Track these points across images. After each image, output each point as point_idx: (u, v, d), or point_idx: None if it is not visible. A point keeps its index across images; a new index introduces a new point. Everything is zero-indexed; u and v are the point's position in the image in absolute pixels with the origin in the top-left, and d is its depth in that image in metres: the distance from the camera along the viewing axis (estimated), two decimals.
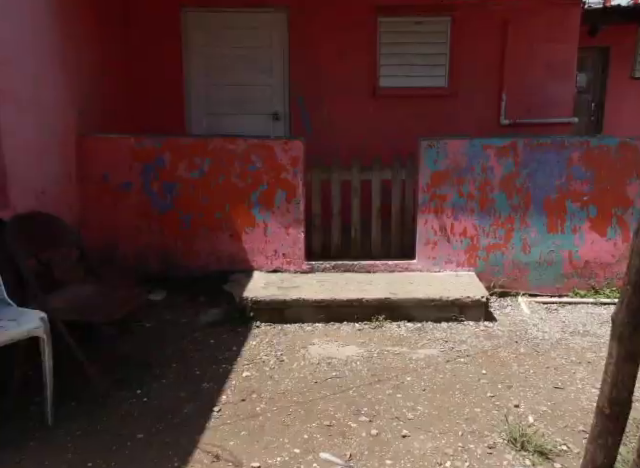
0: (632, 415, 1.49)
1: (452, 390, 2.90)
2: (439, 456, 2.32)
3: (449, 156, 4.23)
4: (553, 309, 4.19)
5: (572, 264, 4.34)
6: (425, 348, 3.44)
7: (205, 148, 4.19)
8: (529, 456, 2.29)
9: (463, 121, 5.41)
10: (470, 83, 5.50)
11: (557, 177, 4.23)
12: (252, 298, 3.79)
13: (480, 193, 4.26)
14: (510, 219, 4.29)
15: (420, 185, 4.28)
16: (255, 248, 4.31)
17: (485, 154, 4.23)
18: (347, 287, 4.03)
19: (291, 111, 5.54)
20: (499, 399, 2.80)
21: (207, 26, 5.42)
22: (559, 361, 3.28)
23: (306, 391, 2.86)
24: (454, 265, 4.35)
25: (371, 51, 5.42)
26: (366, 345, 3.47)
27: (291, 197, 4.26)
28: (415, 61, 5.50)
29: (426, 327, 3.78)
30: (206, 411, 2.61)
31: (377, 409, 2.69)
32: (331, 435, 2.45)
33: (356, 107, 5.47)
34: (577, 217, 4.27)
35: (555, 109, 5.43)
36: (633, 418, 2.43)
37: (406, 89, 5.46)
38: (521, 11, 5.24)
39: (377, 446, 2.38)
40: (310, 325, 3.79)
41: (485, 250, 4.33)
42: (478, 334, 3.67)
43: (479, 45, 5.44)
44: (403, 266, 4.37)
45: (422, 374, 3.08)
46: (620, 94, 7.30)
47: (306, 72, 5.46)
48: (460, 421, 2.59)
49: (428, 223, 4.30)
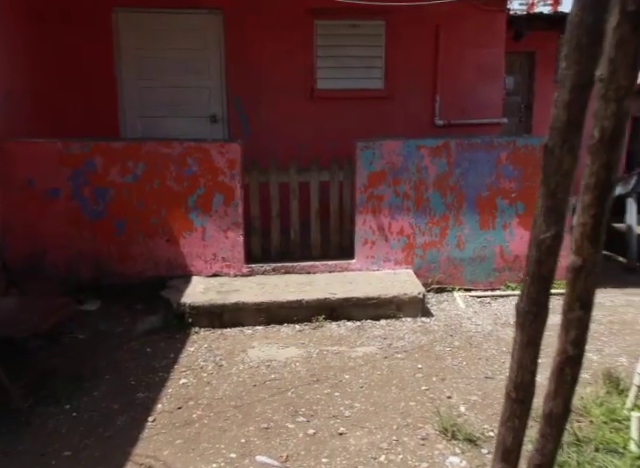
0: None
1: (389, 386, 2.96)
2: (374, 451, 2.36)
3: (385, 157, 4.32)
4: (486, 302, 4.36)
5: (503, 258, 4.52)
6: (364, 346, 3.50)
7: (138, 152, 4.09)
8: (459, 444, 2.38)
9: (400, 122, 5.53)
10: (406, 85, 5.63)
11: (487, 176, 4.40)
12: (190, 304, 3.73)
13: (416, 192, 4.38)
14: (445, 217, 4.42)
15: (357, 186, 4.34)
16: (193, 252, 4.24)
17: (419, 154, 4.34)
18: (287, 289, 4.04)
19: (229, 113, 5.49)
20: (433, 392, 2.89)
21: (139, 27, 5.29)
22: (490, 352, 3.41)
23: (244, 395, 2.84)
24: (392, 263, 4.44)
25: (308, 53, 5.45)
26: (306, 346, 3.49)
27: (229, 200, 4.22)
28: (352, 63, 5.57)
29: (365, 325, 3.84)
30: (140, 422, 2.55)
31: (315, 409, 2.71)
32: (268, 437, 2.45)
33: (294, 109, 5.48)
34: (507, 213, 4.46)
35: (486, 110, 5.64)
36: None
37: (343, 91, 5.53)
38: (451, 16, 5.41)
39: (314, 445, 2.40)
40: (250, 328, 3.77)
41: (422, 248, 4.44)
42: (415, 330, 3.76)
43: (413, 48, 5.58)
44: (343, 266, 4.42)
45: (360, 372, 3.13)
46: (546, 96, 7.66)
47: (244, 74, 5.42)
48: (395, 415, 2.65)
49: (366, 223, 4.37)
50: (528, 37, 7.11)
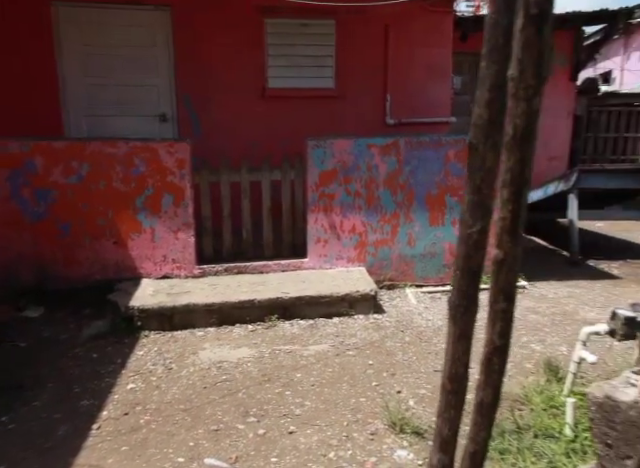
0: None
1: (340, 383, 2.98)
2: (324, 448, 2.37)
3: (336, 155, 4.35)
4: (437, 298, 4.45)
5: (453, 254, 4.62)
6: (316, 344, 3.51)
7: (82, 152, 3.96)
8: (407, 437, 2.42)
9: (351, 121, 5.58)
10: (357, 84, 5.68)
11: (436, 173, 4.49)
12: (139, 307, 3.64)
13: (367, 191, 4.42)
14: (395, 215, 4.49)
15: (309, 184, 4.35)
16: (143, 254, 4.15)
17: (370, 153, 4.39)
18: (240, 289, 4.01)
19: (179, 112, 5.40)
20: (383, 387, 2.93)
21: (82, 22, 5.12)
22: (440, 346, 3.48)
23: (194, 397, 2.80)
24: (345, 261, 4.47)
25: (259, 52, 5.42)
26: (258, 346, 3.47)
27: (179, 200, 4.15)
28: (303, 62, 5.58)
29: (318, 324, 3.85)
30: (83, 430, 2.47)
31: (266, 409, 2.70)
32: (218, 439, 2.42)
33: (246, 108, 5.44)
34: (456, 210, 4.57)
35: (435, 109, 5.76)
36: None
37: (295, 90, 5.53)
38: (400, 17, 5.50)
39: (264, 445, 2.39)
40: (202, 330, 3.72)
41: (374, 246, 4.49)
42: (367, 327, 3.80)
43: (364, 48, 5.64)
44: (296, 265, 4.42)
45: (312, 370, 3.14)
46: None
47: (194, 73, 5.34)
48: (346, 412, 2.67)
49: (318, 221, 4.39)
50: (476, 38, 7.29)
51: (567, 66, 7.95)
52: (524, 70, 0.85)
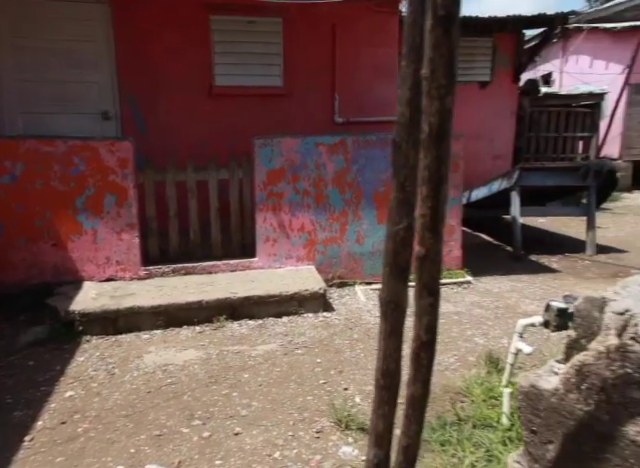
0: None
1: (288, 382, 2.97)
2: (269, 448, 2.36)
3: (283, 154, 4.33)
4: None
5: None
6: (265, 344, 3.49)
7: (16, 150, 3.79)
8: (352, 434, 2.44)
9: (300, 120, 5.58)
10: (305, 83, 5.69)
11: (383, 171, 4.54)
12: (80, 311, 3.52)
13: (315, 189, 4.43)
14: (344, 213, 4.52)
15: (257, 183, 4.32)
16: (84, 256, 4.00)
17: (318, 151, 4.40)
18: (187, 290, 3.93)
19: (122, 110, 5.24)
20: (331, 385, 2.94)
21: (15, 15, 4.88)
22: None
23: (137, 403, 2.73)
24: (294, 260, 4.47)
25: (205, 49, 5.33)
26: (206, 347, 3.42)
27: (122, 200, 4.03)
28: (251, 60, 5.53)
29: (267, 323, 3.83)
30: (15, 443, 2.35)
31: (211, 411, 2.66)
32: (160, 445, 2.37)
33: (192, 106, 5.35)
34: None
35: (383, 108, 5.83)
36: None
37: (243, 88, 5.48)
38: (346, 16, 5.54)
39: (208, 448, 2.35)
40: (147, 333, 3.63)
41: (323, 244, 4.51)
42: (317, 325, 3.81)
43: (311, 47, 5.65)
44: (245, 265, 4.38)
45: (260, 370, 3.12)
46: None
47: (137, 70, 5.20)
48: (293, 411, 2.67)
49: (267, 220, 4.36)
50: None
51: (510, 68, 8.22)
52: (435, 69, 0.86)
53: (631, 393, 1.20)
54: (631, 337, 1.22)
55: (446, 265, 4.83)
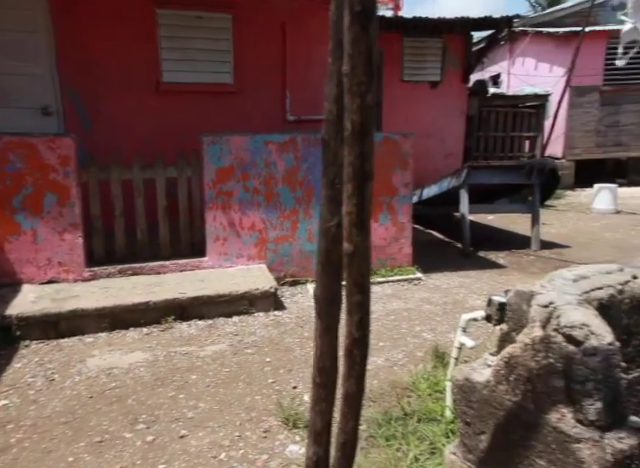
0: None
1: (236, 382, 2.94)
2: (215, 449, 2.32)
3: (232, 152, 4.28)
4: None
5: None
6: (214, 344, 3.44)
7: None
8: (299, 432, 2.43)
9: (251, 117, 5.52)
10: (256, 80, 5.64)
11: None
12: (18, 315, 3.36)
13: (265, 187, 4.40)
14: (295, 211, 4.51)
15: (206, 181, 4.25)
16: (23, 258, 3.83)
17: (267, 150, 4.37)
18: (134, 291, 3.83)
19: (64, 106, 5.05)
20: (280, 384, 2.93)
21: None
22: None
23: (78, 409, 2.63)
24: (245, 259, 4.42)
25: (151, 44, 5.20)
26: (153, 349, 3.34)
27: (64, 200, 3.88)
28: (200, 56, 5.43)
29: (217, 323, 3.78)
30: None
31: (157, 414, 2.60)
32: (101, 451, 2.30)
33: (140, 102, 5.21)
34: None
35: None
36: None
37: (192, 85, 5.37)
38: (297, 14, 5.52)
39: (152, 452, 2.30)
40: (92, 336, 3.52)
41: (274, 242, 4.49)
42: (267, 324, 3.79)
43: (262, 44, 5.60)
44: (194, 264, 4.31)
45: (208, 370, 3.07)
46: (394, 94, 8.20)
47: (80, 63, 5.01)
48: (240, 411, 2.64)
49: (217, 219, 4.30)
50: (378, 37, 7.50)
51: (459, 68, 8.42)
52: (355, 66, 0.86)
53: (554, 382, 1.24)
54: (554, 329, 1.26)
55: (397, 262, 4.90)
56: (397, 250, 4.87)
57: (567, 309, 1.27)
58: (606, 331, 1.22)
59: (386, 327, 3.76)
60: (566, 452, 1.21)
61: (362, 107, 0.90)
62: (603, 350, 1.19)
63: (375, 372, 3.07)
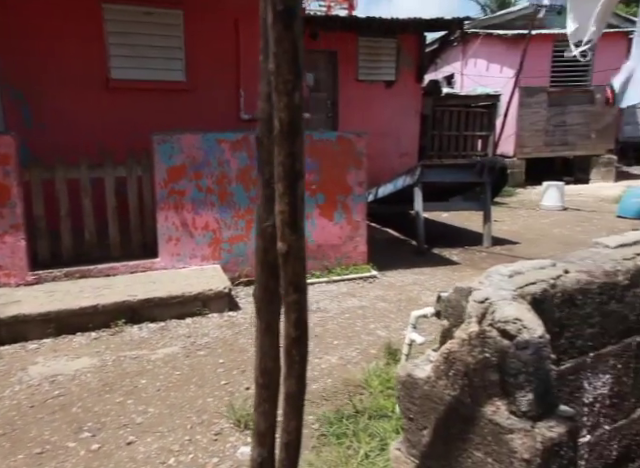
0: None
1: (188, 385, 2.89)
2: (164, 455, 2.28)
3: (184, 151, 4.20)
4: None
5: (307, 248, 4.67)
6: (166, 347, 3.37)
7: None
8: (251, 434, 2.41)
9: (205, 116, 5.44)
10: (210, 78, 5.55)
11: None
12: None
13: (219, 187, 4.34)
14: (249, 210, 4.46)
15: (157, 181, 4.16)
16: None
17: (220, 148, 4.31)
18: (81, 295, 3.71)
19: (4, 102, 4.83)
20: (233, 385, 2.89)
21: None
22: None
23: (17, 419, 2.53)
24: (199, 260, 4.36)
25: (98, 40, 5.04)
26: (101, 354, 3.24)
27: (4, 200, 3.72)
28: (151, 53, 5.31)
29: (170, 325, 3.71)
30: None
31: (103, 421, 2.52)
32: (41, 463, 2.21)
33: (87, 100, 5.04)
34: (308, 205, 4.66)
35: None
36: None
37: (143, 82, 5.25)
38: (250, 11, 5.45)
39: (97, 461, 2.23)
40: (36, 342, 3.38)
41: (228, 242, 4.43)
42: (221, 325, 3.75)
43: (215, 41, 5.52)
44: (146, 266, 4.21)
45: (159, 374, 3.00)
46: (349, 94, 8.27)
47: (22, 59, 4.81)
48: (191, 414, 2.59)
49: (169, 219, 4.22)
50: (330, 37, 7.55)
51: (413, 68, 8.55)
52: (280, 64, 0.86)
53: (489, 376, 1.27)
54: (489, 324, 1.29)
55: (352, 260, 4.93)
56: (352, 248, 4.90)
57: (502, 304, 1.31)
58: (537, 325, 1.25)
59: (341, 325, 3.77)
60: (500, 443, 1.24)
61: (289, 106, 0.89)
62: (534, 343, 1.22)
63: (329, 371, 3.08)
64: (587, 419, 1.59)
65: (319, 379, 2.98)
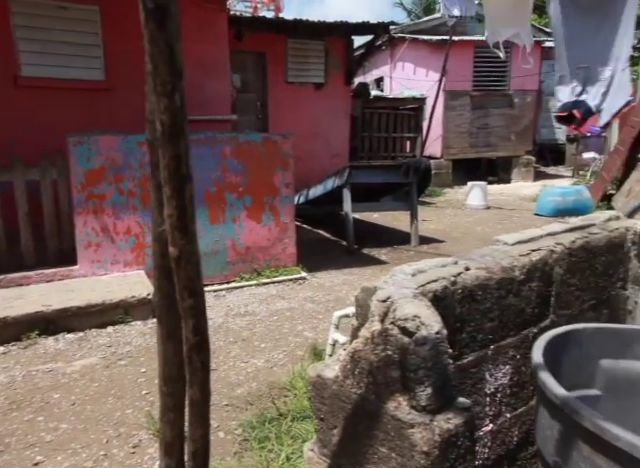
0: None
1: (106, 397, 2.77)
2: None
3: (103, 153, 4.04)
4: (221, 295, 4.45)
5: (236, 251, 4.68)
6: (84, 358, 3.22)
7: None
8: None
9: (126, 116, 5.21)
10: (131, 77, 5.30)
11: (213, 170, 4.48)
12: None
13: (141, 190, 4.20)
14: None
15: (74, 184, 3.97)
16: None
17: (142, 150, 4.17)
18: None
19: None
20: (154, 394, 2.80)
21: None
22: (218, 344, 3.48)
23: None
24: (122, 266, 4.19)
25: (4, 33, 4.73)
26: (9, 370, 3.04)
27: None
28: (66, 50, 5.05)
29: (89, 335, 3.54)
30: None
31: (7, 442, 2.36)
32: None
33: None
34: (235, 207, 4.62)
35: (215, 107, 5.75)
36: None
37: (58, 80, 4.98)
38: None
39: None
40: None
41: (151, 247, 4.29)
42: (145, 332, 3.62)
43: (135, 40, 5.24)
44: (64, 274, 4.00)
45: (74, 387, 2.86)
46: (279, 95, 8.26)
47: None
48: (108, 428, 2.49)
49: (87, 224, 4.03)
50: (258, 38, 7.50)
51: (342, 71, 8.67)
52: (157, 65, 0.83)
53: (391, 373, 1.30)
54: (391, 322, 1.32)
55: (282, 262, 4.93)
56: (281, 250, 4.89)
57: (402, 302, 1.34)
58: (435, 321, 1.30)
59: (268, 328, 3.75)
60: (402, 438, 1.27)
61: (170, 107, 0.87)
62: (431, 339, 1.26)
63: (255, 374, 3.06)
64: (489, 409, 1.67)
65: (244, 383, 2.94)
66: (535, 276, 1.75)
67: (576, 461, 1.08)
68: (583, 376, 1.49)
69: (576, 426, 1.06)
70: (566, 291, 1.89)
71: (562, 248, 1.85)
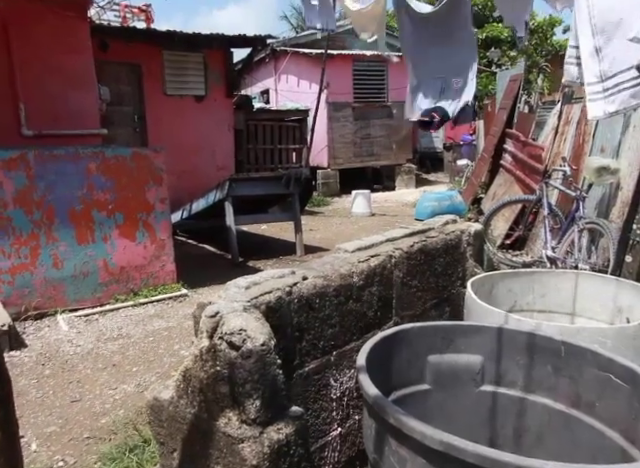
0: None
1: None
2: None
3: None
4: (94, 319, 4.19)
5: (109, 272, 4.43)
6: None
7: None
8: None
9: None
10: None
11: (78, 188, 4.21)
12: None
13: None
14: (34, 236, 4.03)
15: None
16: None
17: None
18: None
19: None
20: None
21: None
22: (85, 372, 3.26)
23: None
24: None
25: None
26: None
27: None
28: None
29: None
30: None
31: None
32: None
33: None
34: (106, 226, 4.38)
35: (82, 121, 5.42)
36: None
37: None
38: (21, 16, 4.95)
39: None
40: None
41: (9, 273, 3.94)
42: None
43: None
44: None
45: None
46: (158, 108, 7.99)
47: None
48: None
49: None
50: (130, 49, 7.21)
51: (222, 83, 8.60)
52: None
53: (220, 388, 1.29)
54: (219, 337, 1.32)
55: (160, 280, 4.75)
56: (159, 268, 4.72)
57: (230, 317, 1.34)
58: (261, 333, 1.31)
59: (143, 350, 3.59)
60: (233, 453, 1.27)
61: None
62: (256, 351, 1.27)
63: (123, 401, 2.90)
64: (337, 413, 1.72)
65: (110, 412, 2.78)
66: (375, 281, 1.84)
67: (387, 456, 1.14)
68: (414, 373, 1.58)
69: (384, 423, 1.12)
70: (407, 293, 2.01)
71: (400, 252, 1.97)
